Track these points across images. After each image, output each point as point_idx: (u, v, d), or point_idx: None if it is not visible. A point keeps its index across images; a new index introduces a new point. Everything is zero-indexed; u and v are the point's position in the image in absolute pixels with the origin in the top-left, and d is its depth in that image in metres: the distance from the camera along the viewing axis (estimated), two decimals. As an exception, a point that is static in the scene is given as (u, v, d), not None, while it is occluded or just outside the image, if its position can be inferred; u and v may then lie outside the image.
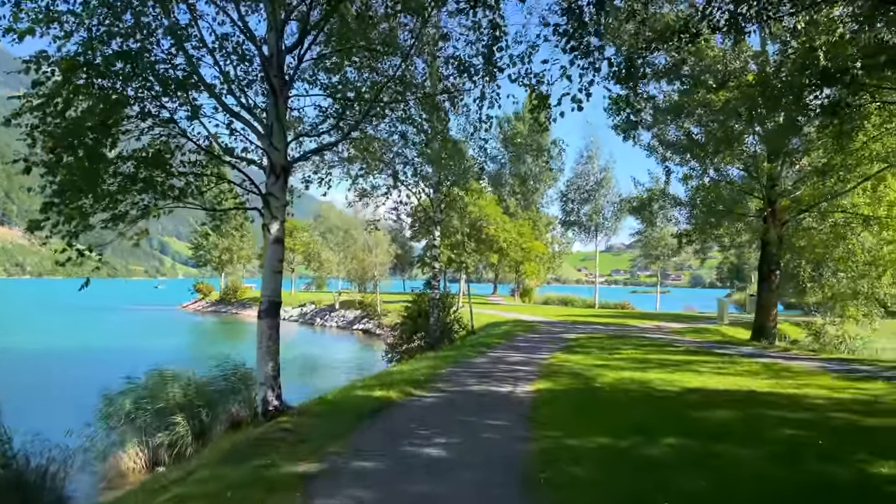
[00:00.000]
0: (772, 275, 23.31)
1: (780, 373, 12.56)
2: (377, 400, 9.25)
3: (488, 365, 13.89)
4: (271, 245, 8.01)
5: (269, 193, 7.96)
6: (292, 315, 61.70)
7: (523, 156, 18.01)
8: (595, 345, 18.40)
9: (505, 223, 39.68)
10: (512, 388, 10.70)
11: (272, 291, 8.07)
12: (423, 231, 36.01)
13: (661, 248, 53.27)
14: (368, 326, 48.93)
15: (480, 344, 18.43)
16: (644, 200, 28.30)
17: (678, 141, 22.37)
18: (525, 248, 48.28)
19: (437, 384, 10.96)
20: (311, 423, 7.73)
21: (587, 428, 7.47)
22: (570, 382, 11.02)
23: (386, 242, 55.97)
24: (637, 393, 10.06)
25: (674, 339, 21.41)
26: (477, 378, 11.71)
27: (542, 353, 16.22)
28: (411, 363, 14.65)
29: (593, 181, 55.80)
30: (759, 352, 17.10)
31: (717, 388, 10.55)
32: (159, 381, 15.69)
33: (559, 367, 13.34)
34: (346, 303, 57.03)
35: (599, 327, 27.00)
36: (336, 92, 8.38)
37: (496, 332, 23.69)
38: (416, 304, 23.40)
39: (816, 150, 18.81)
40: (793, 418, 8.15)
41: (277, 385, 8.05)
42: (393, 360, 23.05)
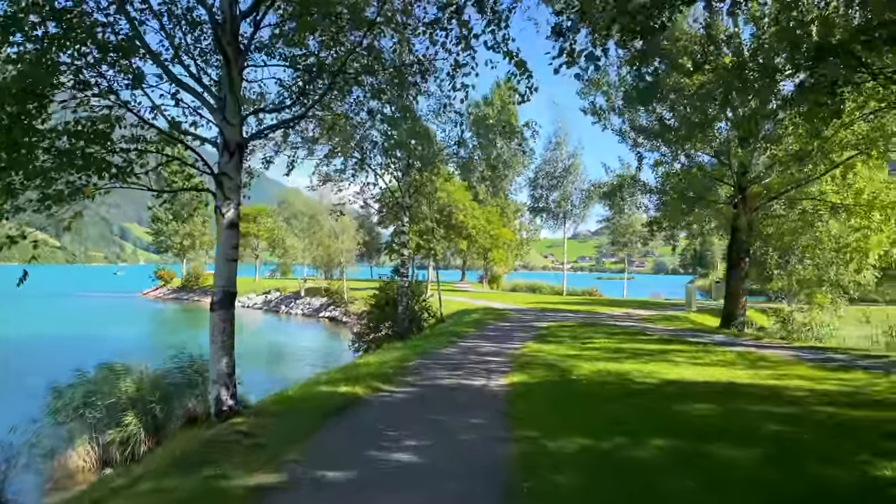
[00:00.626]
0: (741, 262, 23.26)
1: (756, 363, 12.30)
2: (342, 396, 8.64)
3: (459, 356, 13.37)
4: (225, 230, 7.30)
5: (223, 173, 7.24)
6: (256, 303, 60.55)
7: (494, 139, 17.46)
8: (567, 333, 18.03)
9: (474, 209, 39.18)
10: (485, 381, 10.19)
11: (226, 280, 7.37)
12: (392, 217, 35.30)
13: (629, 234, 53.43)
14: (335, 314, 48.13)
15: (450, 333, 17.91)
16: (614, 186, 28.04)
17: (650, 126, 22.06)
18: (493, 235, 47.94)
19: (406, 378, 10.39)
20: (270, 424, 7.08)
21: (567, 426, 6.98)
22: (545, 375, 10.55)
23: (353, 228, 55.03)
24: (615, 386, 9.63)
25: (645, 326, 21.19)
26: (448, 370, 11.17)
27: (514, 343, 15.77)
28: (379, 354, 14.04)
29: (562, 167, 55.61)
30: (732, 340, 16.92)
31: (695, 380, 10.20)
32: (111, 373, 14.86)
33: (532, 357, 12.88)
34: (312, 290, 56.04)
35: (570, 315, 26.73)
36: (296, 63, 7.66)
37: (466, 321, 23.20)
38: (384, 292, 22.76)
39: (787, 136, 18.63)
40: (778, 413, 7.78)
41: (232, 383, 7.38)
42: (360, 350, 22.42)
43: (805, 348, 15.31)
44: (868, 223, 22.58)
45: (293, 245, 61.74)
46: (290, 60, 7.69)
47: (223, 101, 7.21)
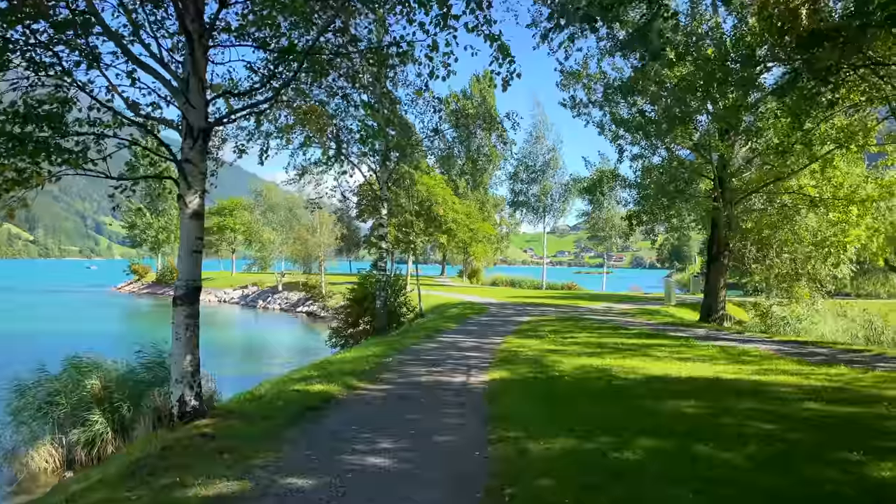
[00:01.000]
0: (721, 256, 23.21)
1: (738, 357, 12.12)
2: (316, 396, 8.25)
3: (439, 352, 13.03)
4: (188, 220, 6.84)
5: (186, 160, 6.78)
6: (233, 297, 59.75)
7: (475, 130, 17.13)
8: (548, 328, 17.78)
9: (454, 203, 38.82)
10: (465, 378, 9.86)
11: (191, 274, 6.91)
12: (370, 210, 34.80)
13: (608, 229, 53.47)
14: (313, 309, 47.53)
15: (430, 328, 17.57)
16: (594, 181, 27.83)
17: (631, 119, 21.84)
18: (473, 229, 47.68)
19: (384, 375, 10.02)
20: (236, 426, 6.67)
21: (551, 426, 6.67)
22: (526, 371, 10.25)
23: (331, 222, 54.40)
24: (598, 382, 9.36)
25: (626, 321, 21.04)
26: (427, 367, 10.82)
27: (495, 338, 15.47)
28: (356, 350, 13.65)
29: (541, 161, 55.46)
30: (713, 334, 16.79)
31: (679, 376, 9.96)
32: (76, 371, 14.33)
33: (513, 353, 12.59)
34: (290, 284, 55.35)
35: (550, 309, 26.53)
36: (265, 44, 7.21)
37: (446, 315, 22.88)
38: (363, 287, 22.32)
39: (767, 129, 18.47)
40: (766, 410, 7.55)
41: (196, 382, 6.94)
42: (337, 346, 21.97)
43: (786, 342, 15.20)
44: (846, 217, 22.64)
45: (270, 239, 60.87)
46: (259, 42, 7.24)
47: (186, 83, 6.76)
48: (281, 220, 55.85)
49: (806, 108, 14.62)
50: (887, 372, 10.37)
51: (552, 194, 55.03)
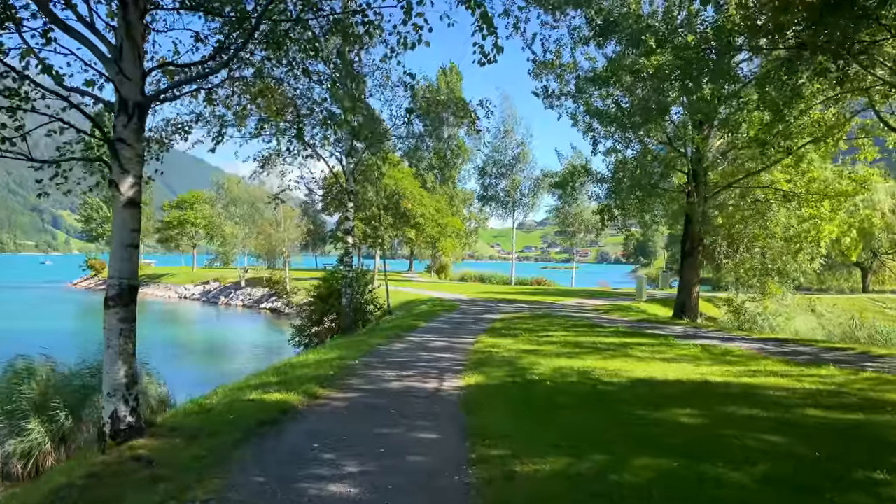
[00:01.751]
0: (695, 251, 22.87)
1: (722, 357, 11.61)
2: (273, 406, 7.39)
3: (408, 353, 12.23)
4: (122, 209, 5.92)
5: (119, 139, 5.86)
6: (194, 293, 58.08)
7: (446, 118, 16.27)
8: (522, 326, 17.13)
9: (423, 197, 37.98)
10: (438, 383, 9.09)
11: (124, 271, 6.00)
12: (336, 204, 33.77)
13: (578, 224, 53.23)
14: (277, 305, 46.29)
15: (398, 327, 16.76)
16: (566, 175, 27.28)
17: (606, 110, 21.29)
18: (442, 224, 46.96)
19: (349, 380, 9.20)
20: (179, 447, 5.79)
21: (536, 442, 5.95)
22: (503, 375, 9.53)
23: (296, 216, 53.08)
24: (581, 387, 8.69)
25: (600, 318, 20.53)
26: (396, 371, 10.03)
27: (467, 337, 14.75)
28: (320, 352, 12.77)
29: (510, 156, 54.93)
30: (691, 332, 16.34)
31: (666, 379, 9.36)
32: (14, 375, 13.24)
33: (488, 354, 11.87)
34: (253, 280, 53.93)
35: (521, 306, 25.95)
36: (212, 9, 6.30)
37: (415, 313, 22.10)
38: (327, 283, 21.38)
39: (744, 121, 18.03)
40: (767, 419, 6.96)
41: (133, 396, 6.03)
42: (301, 345, 21.02)
43: (767, 340, 14.80)
44: (818, 212, 22.50)
45: (233, 233, 59.15)
46: (205, 5, 6.34)
47: (119, 51, 5.83)
48: (244, 214, 54.18)
49: (788, 99, 14.22)
50: (878, 373, 9.93)
51: (521, 189, 54.58)
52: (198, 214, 63.94)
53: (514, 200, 54.43)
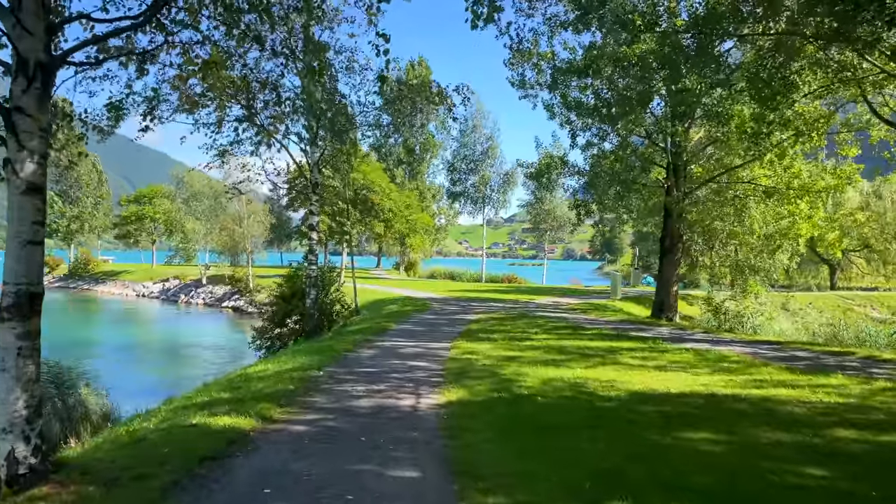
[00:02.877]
0: (674, 248, 22.16)
1: (719, 364, 10.75)
2: (220, 434, 6.20)
3: (379, 360, 11.09)
4: (20, 196, 4.68)
5: (17, 107, 4.64)
6: (153, 291, 55.95)
7: (420, 105, 15.12)
8: (499, 328, 16.12)
9: (391, 192, 36.74)
10: (414, 399, 7.98)
11: (23, 274, 4.75)
12: (301, 198, 32.34)
13: (550, 220, 52.54)
14: (239, 304, 44.60)
15: (367, 330, 15.59)
16: (542, 167, 26.31)
17: (584, 102, 20.38)
18: (411, 220, 45.84)
19: (311, 397, 8.03)
20: (92, 498, 4.58)
21: (538, 482, 4.90)
22: (487, 389, 8.46)
23: (261, 212, 51.31)
24: (577, 404, 7.68)
25: (579, 318, 19.65)
26: (365, 384, 8.89)
27: (442, 341, 13.67)
28: (280, 359, 11.54)
29: (479, 151, 54.04)
30: (677, 334, 15.53)
31: (668, 391, 8.41)
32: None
33: (466, 361, 10.80)
34: (215, 277, 52.00)
35: (495, 305, 24.97)
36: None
37: (385, 313, 20.94)
38: (291, 282, 20.09)
39: (732, 112, 17.25)
40: (797, 444, 6.03)
41: (35, 432, 4.80)
42: (263, 349, 19.70)
43: (759, 343, 14.03)
44: (796, 209, 22.00)
45: (193, 229, 57.01)
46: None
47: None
48: (205, 209, 52.16)
49: (781, 87, 13.45)
50: (892, 382, 9.14)
51: (491, 184, 53.73)
52: (157, 209, 61.46)
53: (483, 196, 53.54)
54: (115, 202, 76.48)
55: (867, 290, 46.51)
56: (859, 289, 47.32)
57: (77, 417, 12.95)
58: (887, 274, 45.59)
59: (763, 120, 13.47)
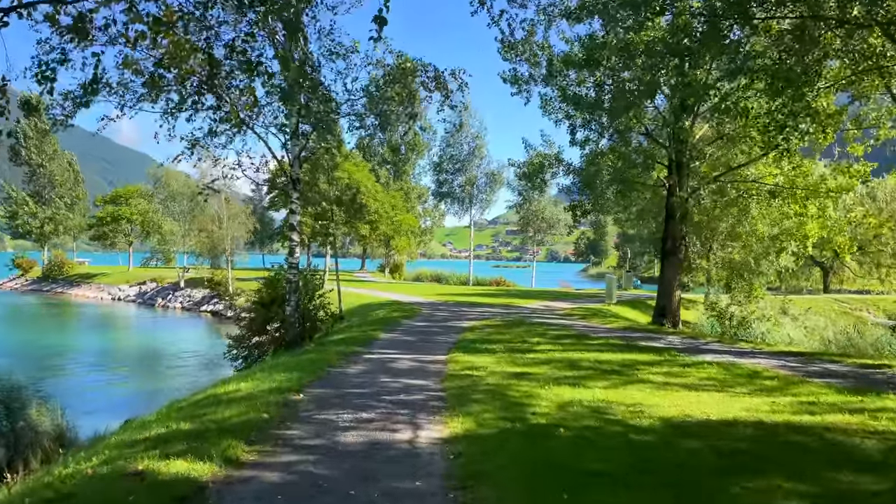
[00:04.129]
0: (676, 251, 21.01)
1: (754, 382, 9.56)
2: (168, 486, 4.86)
3: (368, 377, 9.78)
4: None
5: None
6: (129, 295, 54.14)
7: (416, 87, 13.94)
8: (497, 336, 14.86)
9: (377, 192, 35.36)
10: (412, 432, 6.68)
11: None
12: (283, 197, 30.89)
13: (538, 222, 51.40)
14: (219, 308, 43.01)
15: (353, 340, 14.25)
16: (535, 166, 25.08)
17: (584, 96, 19.18)
18: (396, 221, 44.53)
19: (289, 429, 6.71)
20: None
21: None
22: (497, 417, 7.18)
23: (242, 212, 49.65)
24: (608, 438, 6.42)
25: (579, 325, 18.44)
26: (354, 409, 7.57)
27: (437, 353, 12.39)
28: (255, 377, 10.14)
29: (466, 150, 52.88)
30: (690, 343, 14.36)
31: (708, 419, 7.19)
32: None
33: (468, 378, 9.52)
34: (194, 280, 50.31)
35: (487, 309, 23.71)
36: None
37: (371, 320, 19.61)
38: (271, 286, 18.66)
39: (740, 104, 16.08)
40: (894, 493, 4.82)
41: None
42: (239, 359, 18.28)
43: (783, 355, 12.86)
44: (805, 210, 21.02)
45: (171, 230, 55.15)
46: None
47: None
48: (184, 209, 50.39)
49: (807, 74, 12.35)
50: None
51: (478, 184, 52.55)
52: (133, 210, 59.42)
53: (470, 196, 52.35)
54: (91, 202, 74.30)
55: (860, 293, 45.93)
56: (851, 292, 46.74)
57: (26, 443, 11.54)
58: (880, 277, 44.99)
59: (790, 111, 12.33)
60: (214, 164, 15.08)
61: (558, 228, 52.00)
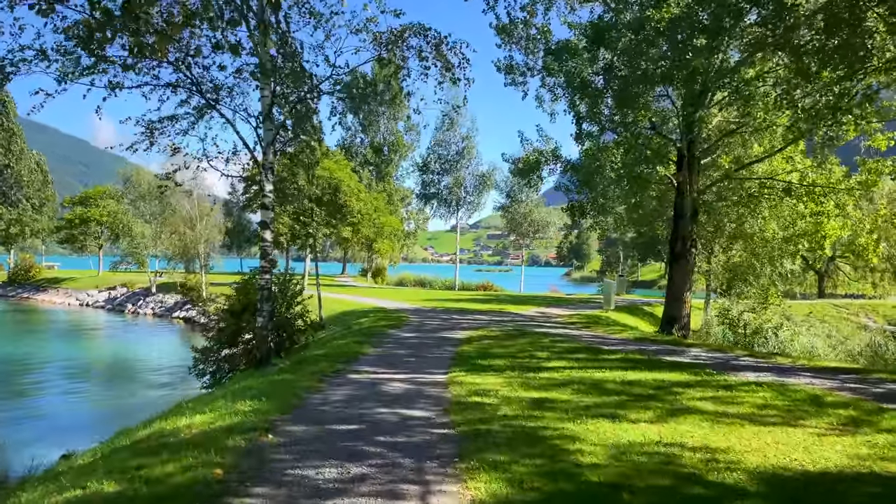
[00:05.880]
0: (686, 253, 19.39)
1: (822, 410, 7.89)
2: None
3: (355, 407, 7.92)
4: None
5: None
6: (98, 300, 51.61)
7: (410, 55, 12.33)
8: (499, 350, 13.08)
9: (360, 192, 33.41)
10: (420, 499, 4.86)
11: None
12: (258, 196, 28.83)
13: (527, 224, 49.71)
14: (192, 314, 40.77)
15: (336, 355, 12.37)
16: (531, 163, 23.34)
17: (591, 82, 17.52)
18: (379, 224, 42.69)
19: (250, 496, 4.85)
20: None
21: None
22: (531, 472, 5.37)
23: (217, 213, 47.43)
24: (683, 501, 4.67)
25: (585, 335, 16.70)
26: (339, 462, 5.71)
27: (434, 371, 10.58)
28: (215, 406, 8.22)
29: (454, 150, 51.11)
30: (720, 358, 12.69)
31: (806, 471, 5.49)
32: None
33: (478, 409, 7.72)
34: (167, 285, 47.97)
35: (480, 317, 21.91)
36: None
37: (355, 330, 17.75)
38: (244, 293, 16.71)
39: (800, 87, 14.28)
40: None
41: None
42: (206, 374, 16.31)
43: (831, 372, 11.18)
44: (822, 208, 19.57)
45: (142, 233, 52.66)
46: None
47: None
48: (155, 210, 48.02)
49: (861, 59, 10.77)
50: None
51: (466, 186, 50.84)
52: (103, 211, 56.73)
53: (458, 198, 50.60)
54: (61, 205, 71.43)
55: (854, 297, 44.92)
56: (846, 296, 45.72)
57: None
58: (874, 281, 44.01)
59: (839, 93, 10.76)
60: (173, 153, 13.14)
61: (546, 231, 50.38)
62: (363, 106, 50.46)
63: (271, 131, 11.59)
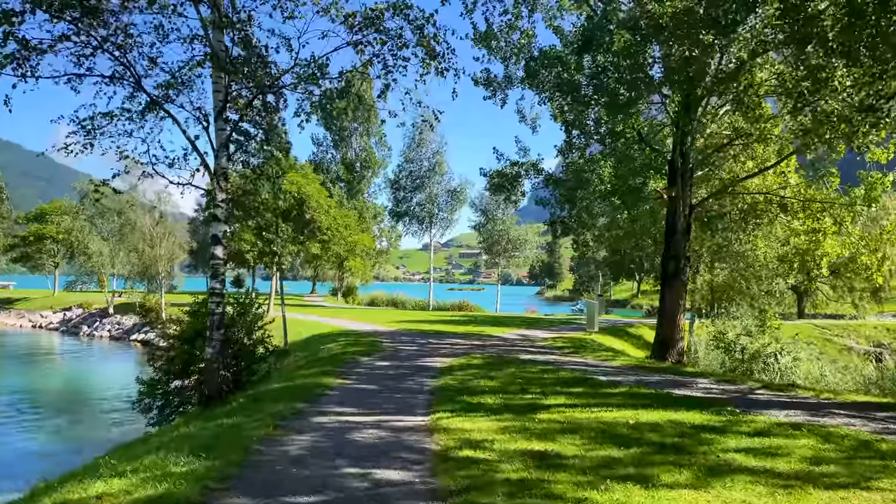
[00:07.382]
0: (680, 272, 18.15)
1: (887, 463, 6.54)
2: None
3: (315, 468, 6.30)
4: None
5: None
6: (52, 322, 48.95)
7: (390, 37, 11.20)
8: (485, 383, 11.54)
9: (330, 207, 31.77)
10: None
11: None
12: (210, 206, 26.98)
13: (504, 242, 48.36)
14: (150, 336, 38.39)
15: (296, 392, 10.69)
16: (509, 177, 21.95)
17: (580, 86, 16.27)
18: (350, 241, 40.92)
19: None
20: None
21: None
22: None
23: (179, 230, 45.24)
24: None
25: (575, 362, 15.27)
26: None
27: (414, 412, 9.01)
28: (141, 465, 6.53)
29: (426, 166, 49.81)
30: (736, 392, 11.34)
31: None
32: None
33: (471, 468, 6.18)
34: (126, 306, 45.54)
35: (459, 341, 20.34)
36: None
37: (321, 357, 16.05)
38: (196, 317, 15.02)
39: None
40: None
41: None
42: (153, 409, 14.53)
43: (862, 408, 9.90)
44: (818, 225, 18.57)
45: (99, 251, 50.07)
46: None
47: None
48: (113, 227, 45.66)
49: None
50: None
51: (438, 202, 49.49)
52: (59, 228, 53.93)
53: (430, 215, 49.18)
54: (16, 221, 68.18)
55: (833, 317, 44.45)
56: (825, 316, 45.24)
57: None
58: (854, 301, 43.56)
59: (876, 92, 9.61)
60: (120, 157, 11.48)
61: (524, 250, 49.14)
62: (330, 105, 48.99)
63: (224, 131, 10.01)
